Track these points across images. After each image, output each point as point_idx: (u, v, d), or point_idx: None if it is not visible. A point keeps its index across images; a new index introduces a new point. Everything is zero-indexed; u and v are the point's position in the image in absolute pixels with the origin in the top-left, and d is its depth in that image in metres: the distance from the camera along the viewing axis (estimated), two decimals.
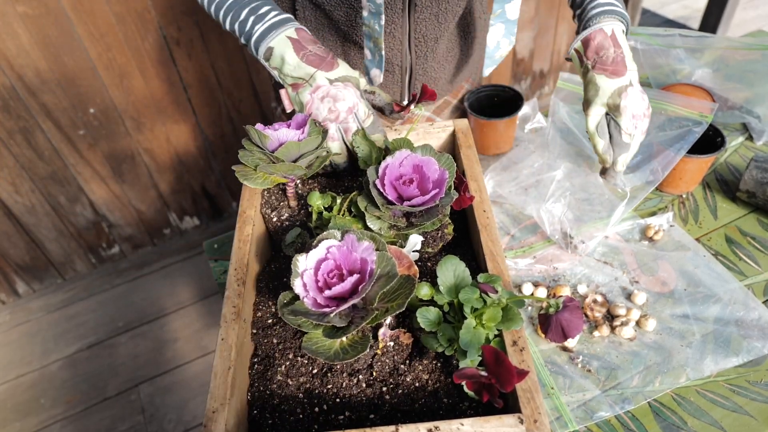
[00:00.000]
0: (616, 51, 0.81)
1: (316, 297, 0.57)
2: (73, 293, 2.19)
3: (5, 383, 1.92)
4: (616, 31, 0.81)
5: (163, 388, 1.85)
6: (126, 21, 1.71)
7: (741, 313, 0.84)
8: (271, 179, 0.79)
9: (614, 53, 0.81)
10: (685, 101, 1.03)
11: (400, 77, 1.00)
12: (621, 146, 0.83)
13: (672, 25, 3.27)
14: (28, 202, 1.96)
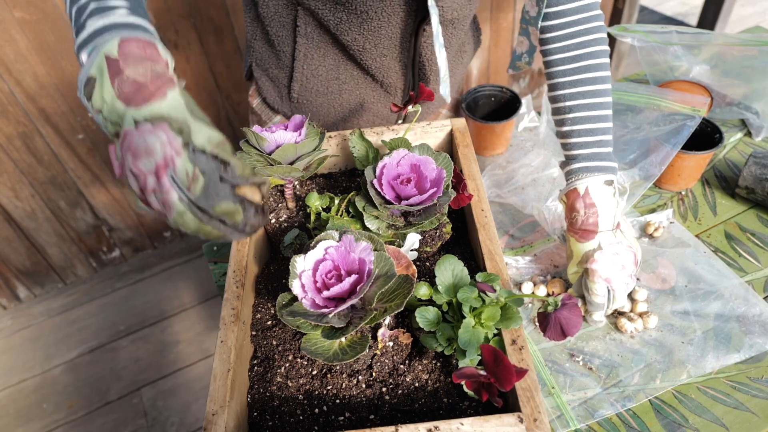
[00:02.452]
0: (587, 212, 0.79)
1: (315, 298, 0.57)
2: (75, 297, 2.19)
3: (7, 388, 1.92)
4: (590, 189, 0.79)
5: (165, 392, 1.85)
6: None
7: (742, 309, 0.84)
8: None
9: (584, 215, 0.79)
10: (678, 96, 1.03)
11: (401, 99, 1.00)
12: (593, 305, 0.82)
13: (670, 21, 3.27)
14: (28, 207, 1.96)
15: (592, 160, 0.81)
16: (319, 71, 0.94)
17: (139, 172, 0.49)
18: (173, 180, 0.49)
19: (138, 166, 0.48)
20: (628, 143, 1.07)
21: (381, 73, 0.92)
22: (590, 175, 0.79)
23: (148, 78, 0.52)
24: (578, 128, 0.82)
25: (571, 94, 0.82)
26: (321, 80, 0.95)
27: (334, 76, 0.94)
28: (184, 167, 0.49)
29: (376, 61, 0.91)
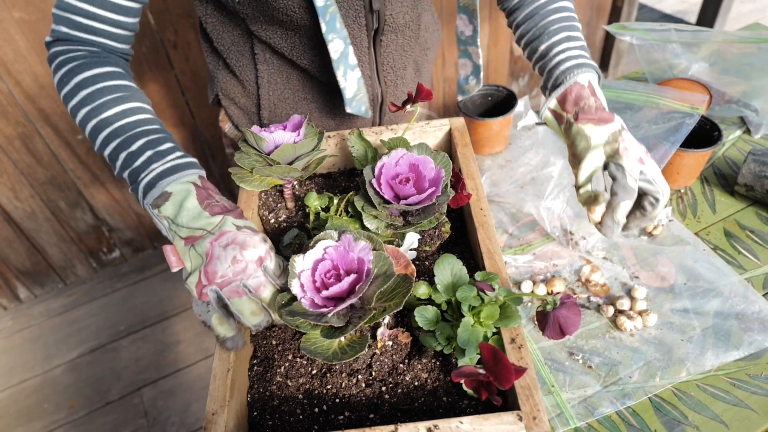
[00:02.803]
0: (597, 101, 0.75)
1: (314, 297, 0.57)
2: (75, 298, 2.19)
3: (8, 389, 1.92)
4: (592, 82, 0.76)
5: (165, 392, 1.85)
6: None
7: (741, 307, 0.84)
8: (267, 181, 0.79)
9: (595, 103, 0.75)
10: (677, 94, 1.03)
11: (372, 107, 0.99)
12: (626, 190, 0.69)
13: (669, 19, 3.26)
14: (28, 208, 1.96)
15: (583, 59, 0.78)
16: (285, 95, 0.94)
17: (242, 260, 0.61)
18: (266, 269, 0.62)
19: (243, 254, 0.61)
20: None
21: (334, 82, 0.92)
22: (587, 71, 0.77)
23: (231, 206, 0.67)
24: (558, 38, 0.80)
25: (543, 24, 0.82)
26: (289, 103, 0.95)
27: (302, 96, 0.94)
28: (277, 261, 0.64)
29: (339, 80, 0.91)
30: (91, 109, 0.69)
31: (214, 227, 0.63)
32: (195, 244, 0.63)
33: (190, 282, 0.62)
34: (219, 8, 0.88)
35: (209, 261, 0.61)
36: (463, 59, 0.97)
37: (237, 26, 0.89)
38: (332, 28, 0.79)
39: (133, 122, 0.69)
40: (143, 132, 0.69)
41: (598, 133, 0.72)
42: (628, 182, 0.69)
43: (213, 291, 0.61)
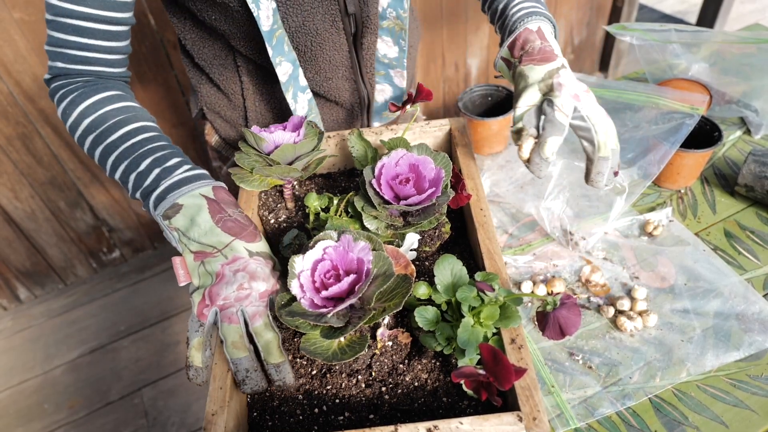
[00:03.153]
0: (543, 43, 0.75)
1: (313, 298, 0.57)
2: (75, 298, 2.19)
3: (8, 389, 1.92)
4: (543, 28, 0.77)
5: (165, 392, 1.85)
6: None
7: (741, 307, 0.84)
8: (267, 181, 0.79)
9: (541, 44, 0.75)
10: (677, 95, 1.03)
11: (360, 110, 0.99)
12: (553, 125, 0.69)
13: (669, 20, 3.26)
14: (28, 208, 1.96)
15: (536, 8, 0.79)
16: (271, 104, 0.94)
17: (248, 289, 0.61)
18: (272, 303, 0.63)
19: (251, 285, 0.61)
20: (626, 142, 1.07)
21: (332, 94, 0.93)
22: (538, 19, 0.77)
23: (245, 220, 0.67)
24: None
25: None
26: (276, 112, 0.95)
27: (288, 104, 0.93)
28: (281, 296, 0.62)
29: (323, 86, 0.91)
30: (96, 136, 0.70)
31: (225, 248, 0.63)
32: (205, 261, 0.63)
33: (195, 298, 0.62)
34: (197, 24, 0.87)
35: (217, 282, 0.62)
36: (382, 84, 0.92)
37: (217, 40, 0.88)
38: (280, 51, 0.80)
39: (138, 142, 0.70)
40: (149, 150, 0.69)
41: (536, 72, 0.72)
42: (557, 117, 0.68)
43: (213, 313, 0.61)
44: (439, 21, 2.18)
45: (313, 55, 0.85)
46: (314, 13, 0.80)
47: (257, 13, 0.73)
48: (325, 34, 0.83)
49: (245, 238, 0.64)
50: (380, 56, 0.87)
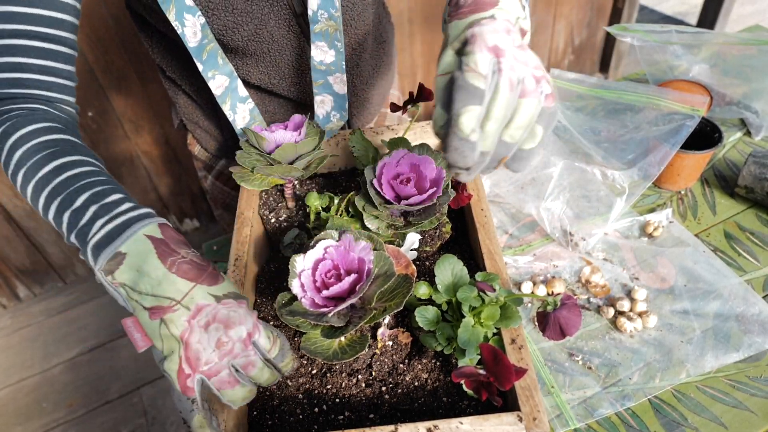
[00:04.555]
0: None
1: (314, 297, 0.57)
2: (74, 297, 2.19)
3: (7, 387, 1.92)
4: None
5: (164, 391, 1.85)
6: (123, 24, 1.71)
7: (741, 309, 0.84)
8: (268, 181, 0.79)
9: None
10: (678, 96, 1.03)
11: None
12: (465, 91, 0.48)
13: (670, 21, 3.27)
14: (28, 207, 1.96)
15: None
16: None
17: (228, 341, 0.53)
18: (256, 346, 0.55)
19: (229, 334, 0.53)
20: (627, 143, 1.07)
21: (301, 97, 0.91)
22: None
23: (201, 260, 0.56)
24: None
25: None
26: None
27: (263, 110, 0.93)
28: (267, 333, 0.56)
29: (291, 91, 0.89)
30: (27, 169, 0.60)
31: (185, 297, 0.53)
32: (165, 319, 0.52)
33: (169, 369, 0.52)
34: (162, 37, 0.86)
35: (188, 346, 0.52)
36: (322, 95, 0.83)
37: (183, 51, 0.85)
38: (212, 65, 0.76)
39: (74, 176, 0.59)
40: (86, 185, 0.58)
41: (461, 23, 0.54)
42: (467, 79, 0.48)
43: (199, 382, 0.53)
44: (439, 21, 2.18)
45: (274, 60, 0.84)
46: (266, 20, 0.77)
47: (181, 30, 0.70)
48: (282, 39, 0.81)
49: (206, 282, 0.55)
50: (317, 64, 0.79)
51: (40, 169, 0.59)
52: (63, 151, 0.61)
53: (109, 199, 0.57)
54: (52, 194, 0.58)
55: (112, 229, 0.55)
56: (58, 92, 0.67)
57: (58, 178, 0.58)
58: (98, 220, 0.56)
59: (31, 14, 0.62)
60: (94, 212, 0.56)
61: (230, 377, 0.53)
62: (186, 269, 0.54)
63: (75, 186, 0.58)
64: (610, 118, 1.13)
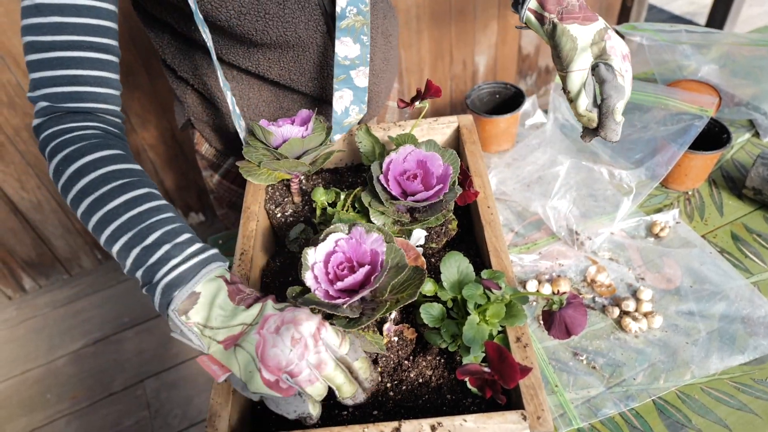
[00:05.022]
0: (579, 1, 0.71)
1: (328, 289, 0.57)
2: (79, 289, 2.20)
3: (12, 378, 1.93)
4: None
5: (168, 384, 1.86)
6: (132, 17, 1.71)
7: (747, 311, 0.84)
8: (275, 175, 0.79)
9: (578, 1, 0.71)
10: (686, 96, 1.03)
11: None
12: (618, 90, 0.69)
13: (678, 20, 3.25)
14: (35, 199, 1.97)
15: None
16: (260, 108, 0.92)
17: (300, 336, 0.54)
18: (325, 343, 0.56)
19: (300, 330, 0.54)
20: (635, 142, 1.06)
21: (316, 92, 0.92)
22: None
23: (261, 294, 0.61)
24: None
25: None
26: (264, 115, 0.94)
27: (276, 106, 0.93)
28: (333, 330, 0.57)
29: (308, 86, 0.90)
30: (94, 199, 0.60)
31: (255, 317, 0.57)
32: (238, 342, 0.55)
33: (257, 389, 0.54)
34: (176, 37, 0.86)
35: (263, 351, 0.54)
36: (342, 90, 0.83)
37: (197, 51, 0.86)
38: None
39: (146, 211, 0.60)
40: (157, 223, 0.59)
41: (585, 33, 0.69)
42: (620, 82, 0.68)
43: (286, 380, 0.55)
44: (447, 18, 2.17)
45: (296, 57, 0.84)
46: (297, 22, 0.78)
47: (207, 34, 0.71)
48: (308, 38, 0.82)
49: (272, 300, 0.59)
50: (340, 59, 0.79)
51: (108, 202, 0.59)
52: (131, 183, 0.61)
53: (181, 239, 0.59)
54: (120, 228, 0.59)
55: (186, 270, 0.57)
56: (112, 103, 0.67)
57: (128, 213, 0.59)
58: (171, 260, 0.58)
59: (81, 24, 0.62)
60: (166, 251, 0.58)
61: (311, 375, 0.54)
62: (251, 301, 0.59)
63: (147, 223, 0.59)
64: None
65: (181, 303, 0.56)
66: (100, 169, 0.61)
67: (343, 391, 0.57)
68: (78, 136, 0.63)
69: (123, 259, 0.59)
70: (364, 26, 0.79)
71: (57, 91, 0.63)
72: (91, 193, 0.60)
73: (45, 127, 0.64)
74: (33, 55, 0.62)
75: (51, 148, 0.63)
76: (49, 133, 0.63)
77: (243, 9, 0.73)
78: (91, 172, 0.60)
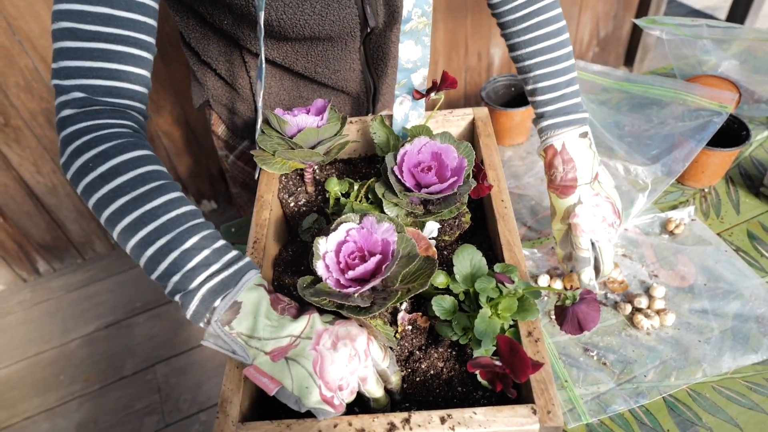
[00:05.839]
0: (566, 167, 0.78)
1: (339, 278, 0.57)
2: (93, 273, 2.22)
3: (25, 359, 1.96)
4: (567, 144, 0.78)
5: (179, 369, 1.88)
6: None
7: (762, 310, 0.83)
8: (289, 165, 0.79)
9: (563, 171, 0.79)
10: (705, 92, 1.01)
11: (365, 99, 1.00)
12: (579, 261, 0.80)
13: (699, 15, 3.20)
14: (50, 183, 1.99)
15: (560, 115, 0.79)
16: (280, 96, 0.94)
17: (355, 353, 0.55)
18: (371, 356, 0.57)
19: (356, 347, 0.55)
20: (651, 138, 1.05)
21: (339, 84, 0.93)
22: (562, 131, 0.79)
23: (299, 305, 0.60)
24: (541, 86, 0.81)
25: (528, 54, 0.81)
26: (284, 103, 0.95)
27: (296, 94, 0.94)
28: (377, 344, 0.58)
29: (331, 78, 0.91)
30: (131, 198, 0.56)
31: (304, 331, 0.56)
32: (290, 356, 0.54)
33: (312, 403, 0.53)
34: (202, 22, 0.86)
35: (322, 368, 0.54)
36: (402, 96, 0.82)
37: (222, 38, 0.87)
38: None
39: (183, 215, 0.58)
40: (195, 227, 0.57)
41: (560, 204, 0.81)
42: (579, 254, 0.80)
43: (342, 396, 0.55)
44: (463, 9, 2.15)
45: (324, 48, 0.86)
46: (333, 20, 0.79)
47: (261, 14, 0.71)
48: (339, 37, 0.84)
49: (316, 313, 0.58)
50: (404, 63, 0.80)
51: (147, 202, 0.56)
52: (166, 186, 0.59)
53: (218, 245, 0.58)
54: (158, 230, 0.56)
55: (226, 278, 0.56)
56: (145, 103, 0.66)
57: (167, 215, 0.57)
58: (212, 266, 0.56)
59: (130, 19, 0.60)
60: (205, 257, 0.56)
61: (352, 389, 0.56)
62: (294, 312, 0.58)
63: (185, 226, 0.57)
64: (634, 113, 1.11)
65: (224, 313, 0.55)
66: (139, 168, 0.58)
67: (379, 402, 0.59)
68: (115, 134, 0.59)
69: (156, 263, 0.56)
70: (426, 27, 0.78)
71: (97, 84, 0.59)
72: (128, 193, 0.56)
73: (77, 120, 0.59)
74: (72, 42, 0.58)
75: (81, 143, 0.58)
76: (82, 127, 0.59)
77: (287, 2, 0.74)
78: (128, 171, 0.57)
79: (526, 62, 0.81)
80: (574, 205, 0.79)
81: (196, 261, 0.56)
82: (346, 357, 0.54)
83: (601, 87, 1.13)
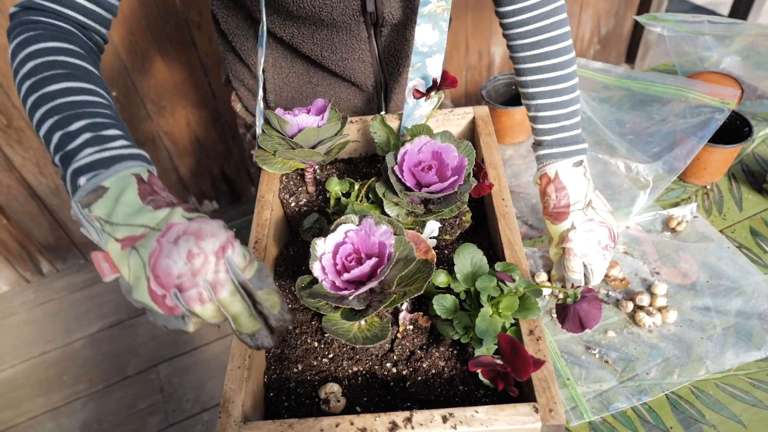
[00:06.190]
0: (558, 195, 0.80)
1: (335, 280, 0.58)
2: (95, 274, 2.23)
3: (29, 360, 1.97)
4: (560, 172, 0.79)
5: (181, 369, 1.88)
6: (147, 4, 1.72)
7: (764, 307, 0.83)
8: (289, 164, 0.79)
9: (555, 198, 0.80)
10: (707, 88, 1.01)
11: (375, 95, 1.00)
12: (569, 282, 0.83)
13: (701, 11, 3.19)
14: (53, 184, 2.00)
15: (557, 145, 0.80)
16: (290, 78, 0.95)
17: (199, 252, 0.48)
18: (228, 262, 0.49)
19: (201, 246, 0.48)
20: (652, 135, 1.05)
21: (347, 74, 0.94)
22: (557, 160, 0.80)
23: (178, 200, 0.54)
24: (542, 115, 0.81)
25: (533, 81, 0.81)
26: (293, 87, 0.96)
27: (306, 80, 0.96)
28: (242, 251, 0.50)
29: (338, 65, 0.92)
30: (34, 81, 0.58)
31: (160, 222, 0.50)
32: (136, 245, 0.49)
33: (140, 298, 0.49)
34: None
35: (156, 261, 0.48)
36: (416, 79, 0.82)
37: (241, 11, 0.90)
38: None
39: (79, 102, 0.57)
40: (87, 113, 0.56)
41: (554, 230, 0.82)
42: (570, 276, 0.82)
43: (174, 297, 0.48)
44: (463, 7, 2.15)
45: (330, 33, 0.87)
46: (332, 5, 0.80)
47: None
48: (342, 23, 0.85)
49: (184, 208, 0.52)
50: (419, 46, 0.80)
51: (48, 85, 0.57)
52: (75, 75, 0.59)
53: (107, 132, 0.56)
54: (50, 112, 0.56)
55: (98, 160, 0.53)
56: (93, 20, 0.66)
57: (62, 99, 0.57)
58: (87, 148, 0.54)
59: None
60: (85, 140, 0.54)
61: (202, 293, 0.48)
62: (163, 204, 0.52)
63: (75, 111, 0.56)
64: (635, 110, 1.11)
65: (86, 195, 0.51)
66: (50, 56, 0.59)
67: (239, 322, 0.50)
68: (42, 26, 0.62)
69: (47, 144, 0.57)
70: (445, 12, 0.79)
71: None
72: (34, 75, 0.58)
73: (21, 16, 0.63)
74: None
75: (16, 31, 0.62)
76: (21, 20, 0.62)
77: None
78: (41, 57, 0.59)
79: (530, 89, 0.82)
80: (567, 230, 0.80)
81: (76, 144, 0.54)
82: (184, 253, 0.47)
83: (602, 84, 1.13)
